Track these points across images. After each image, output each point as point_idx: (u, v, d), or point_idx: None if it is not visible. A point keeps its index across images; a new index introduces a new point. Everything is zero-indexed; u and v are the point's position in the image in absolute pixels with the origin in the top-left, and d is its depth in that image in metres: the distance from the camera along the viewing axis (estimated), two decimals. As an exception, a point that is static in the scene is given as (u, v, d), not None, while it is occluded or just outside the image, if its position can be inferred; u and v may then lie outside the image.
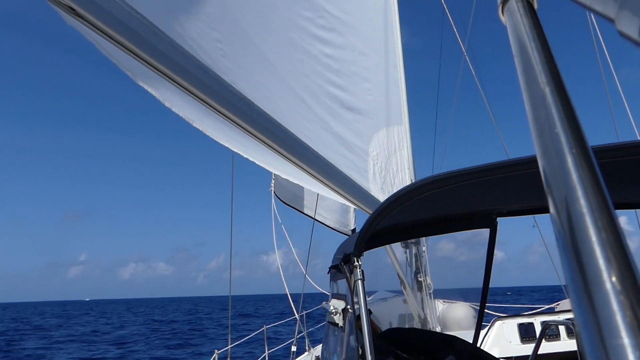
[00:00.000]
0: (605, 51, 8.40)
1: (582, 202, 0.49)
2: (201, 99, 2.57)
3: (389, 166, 5.44)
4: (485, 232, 3.68)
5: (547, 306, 8.42)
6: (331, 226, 11.06)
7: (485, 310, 4.22)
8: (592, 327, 0.43)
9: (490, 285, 3.93)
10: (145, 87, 2.73)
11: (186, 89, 2.49)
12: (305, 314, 9.02)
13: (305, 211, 11.08)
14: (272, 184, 11.43)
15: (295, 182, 4.04)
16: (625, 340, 0.41)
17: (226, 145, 3.35)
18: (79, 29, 2.12)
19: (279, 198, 11.39)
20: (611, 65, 8.35)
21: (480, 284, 4.01)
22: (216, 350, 7.44)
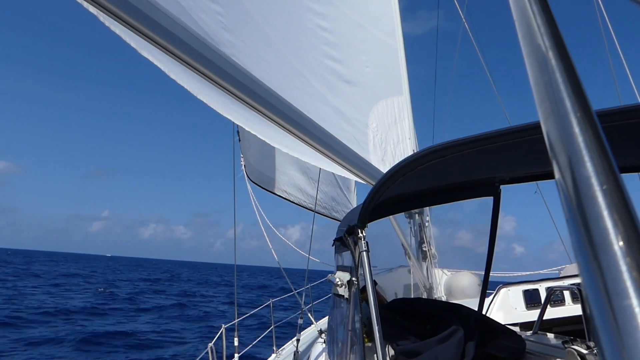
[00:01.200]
0: (606, 16, 8.30)
1: (588, 165, 0.49)
2: (202, 73, 2.57)
3: (389, 137, 5.43)
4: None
5: (552, 269, 8.47)
6: (305, 205, 10.84)
7: (490, 278, 4.25)
8: (599, 289, 0.44)
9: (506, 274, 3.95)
10: (150, 58, 2.72)
11: (187, 63, 2.48)
12: (311, 286, 9.09)
13: (276, 191, 10.82)
14: (243, 166, 10.88)
15: (296, 155, 4.04)
16: (633, 301, 0.42)
17: (228, 117, 3.35)
18: (80, 1, 2.11)
19: (250, 179, 10.93)
20: (612, 31, 8.26)
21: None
22: (223, 325, 7.52)
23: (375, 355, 2.44)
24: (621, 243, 0.44)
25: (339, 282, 2.97)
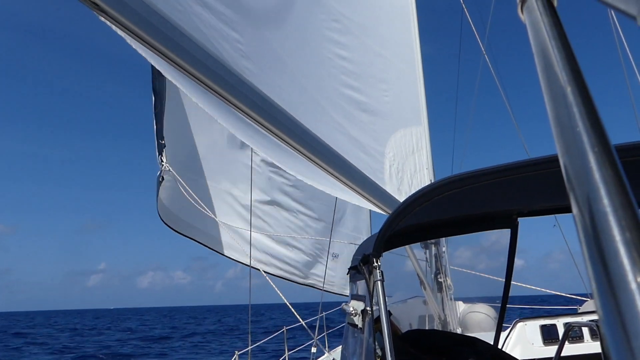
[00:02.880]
0: (627, 48, 8.28)
1: (606, 201, 0.49)
2: (223, 97, 2.61)
3: (406, 167, 5.42)
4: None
5: (570, 307, 8.32)
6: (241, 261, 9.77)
7: (507, 311, 4.19)
8: (617, 328, 0.43)
9: (510, 293, 3.90)
10: (173, 81, 2.79)
11: (209, 87, 2.53)
12: (325, 315, 9.02)
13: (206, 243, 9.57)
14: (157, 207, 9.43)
15: (311, 183, 4.04)
16: None
17: (247, 143, 3.39)
18: (109, 25, 2.17)
19: (167, 225, 9.51)
20: (633, 63, 8.23)
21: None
22: (236, 351, 7.47)
23: None
24: None
25: (353, 312, 2.94)
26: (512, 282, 4.04)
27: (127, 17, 2.08)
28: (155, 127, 9.01)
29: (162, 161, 8.93)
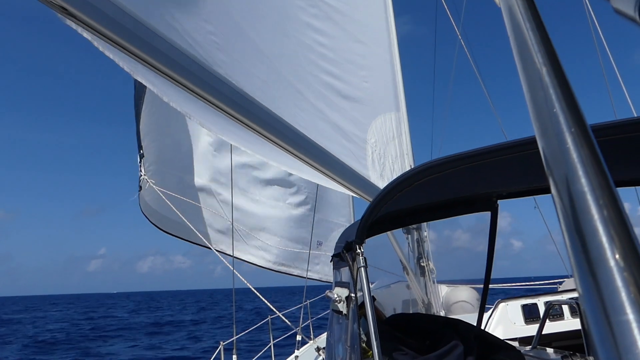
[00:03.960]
0: (600, 30, 8.37)
1: (583, 180, 0.49)
2: (197, 93, 2.58)
3: (387, 153, 5.43)
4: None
5: (550, 285, 8.46)
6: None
7: (489, 292, 4.24)
8: (596, 304, 0.44)
9: (510, 275, 3.94)
10: (144, 82, 2.73)
11: (181, 84, 2.49)
12: (309, 303, 9.05)
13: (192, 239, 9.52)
14: (138, 201, 9.47)
15: (294, 172, 4.05)
16: (630, 316, 0.42)
17: (224, 138, 3.36)
18: (75, 28, 2.12)
19: (151, 222, 9.62)
20: (606, 45, 8.33)
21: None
22: (221, 342, 7.47)
23: None
24: (618, 258, 0.45)
25: (338, 298, 2.96)
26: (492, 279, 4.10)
27: (95, 19, 2.03)
28: (135, 130, 8.99)
29: (140, 170, 8.96)
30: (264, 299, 7.77)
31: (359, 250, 2.65)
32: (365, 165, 4.81)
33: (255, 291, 7.79)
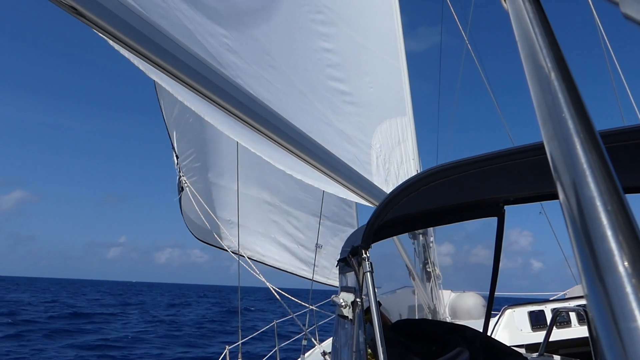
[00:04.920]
0: (605, 36, 8.34)
1: (592, 186, 0.49)
2: (206, 96, 2.59)
3: (392, 158, 5.43)
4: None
5: (558, 293, 8.41)
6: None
7: (495, 299, 4.22)
8: (605, 311, 0.43)
9: (529, 295, 3.94)
10: (158, 80, 2.76)
11: (192, 87, 2.50)
12: (315, 307, 9.04)
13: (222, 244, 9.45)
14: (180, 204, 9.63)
15: (299, 177, 4.04)
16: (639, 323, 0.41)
17: (235, 139, 3.39)
18: (95, 30, 2.13)
19: (196, 237, 9.92)
20: (612, 51, 8.30)
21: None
22: (227, 346, 7.47)
23: None
24: (626, 264, 0.44)
25: (343, 303, 2.95)
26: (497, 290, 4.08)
27: (106, 20, 2.04)
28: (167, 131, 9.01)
29: (179, 170, 8.98)
30: (280, 299, 7.78)
31: (364, 255, 2.64)
32: (369, 171, 4.81)
33: (275, 293, 7.80)
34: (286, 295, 7.87)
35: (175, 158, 8.97)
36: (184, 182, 8.93)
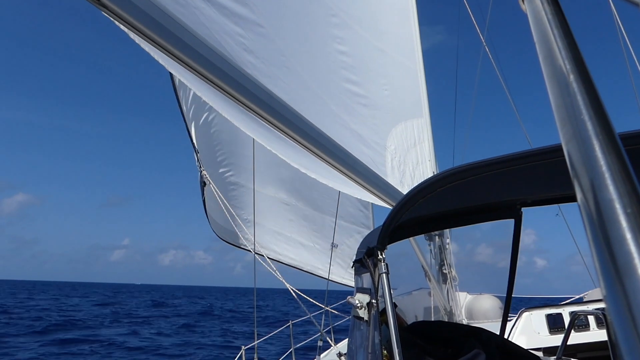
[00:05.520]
0: (626, 37, 8.24)
1: (611, 188, 0.49)
2: (225, 90, 2.61)
3: (408, 159, 5.42)
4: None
5: (576, 296, 8.33)
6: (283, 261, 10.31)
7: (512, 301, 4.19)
8: (624, 315, 0.43)
9: (531, 294, 3.91)
10: (177, 74, 2.80)
11: (212, 82, 2.53)
12: (331, 308, 9.04)
13: (244, 244, 9.71)
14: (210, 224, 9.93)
15: (314, 176, 4.05)
16: None
17: (251, 135, 3.41)
18: (112, 19, 2.17)
19: (219, 237, 10.09)
20: (632, 52, 8.19)
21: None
22: (243, 346, 7.50)
23: None
24: None
25: (359, 304, 2.95)
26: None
27: (128, 13, 2.08)
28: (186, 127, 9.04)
29: (199, 166, 9.01)
30: (297, 298, 7.79)
31: (380, 256, 2.64)
32: (384, 172, 4.80)
33: (292, 290, 7.82)
34: (303, 295, 7.88)
35: (195, 154, 8.99)
36: (205, 176, 8.96)
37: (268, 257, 8.72)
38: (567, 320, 5.87)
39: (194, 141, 8.92)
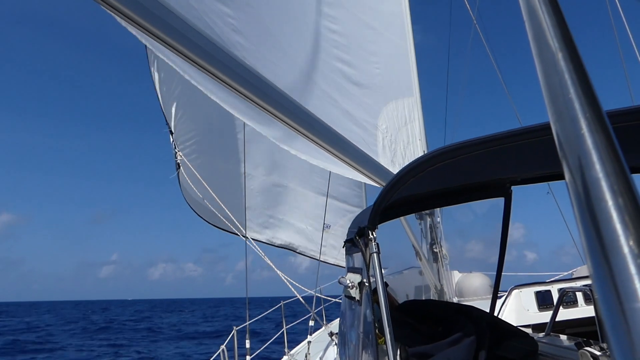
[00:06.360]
0: (621, 12, 8.22)
1: (598, 167, 0.49)
2: (213, 74, 2.58)
3: (399, 139, 5.41)
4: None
5: (564, 273, 8.42)
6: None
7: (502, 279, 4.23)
8: (610, 291, 0.43)
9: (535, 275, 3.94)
10: (164, 58, 2.76)
11: (199, 65, 2.50)
12: (321, 289, 9.09)
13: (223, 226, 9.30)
14: (178, 180, 9.48)
15: (305, 157, 4.04)
16: None
17: (239, 117, 3.38)
18: (99, 2, 2.13)
19: (196, 213, 9.70)
20: (627, 28, 8.18)
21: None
22: (234, 327, 7.54)
23: (386, 357, 2.44)
24: (632, 244, 0.44)
25: (350, 284, 2.96)
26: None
27: None
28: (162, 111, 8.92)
29: (174, 147, 8.89)
30: (281, 274, 7.81)
31: (371, 236, 2.65)
32: (375, 152, 4.80)
33: (283, 277, 7.85)
34: (292, 281, 7.91)
35: (170, 135, 8.89)
36: (179, 157, 8.87)
37: (258, 241, 8.72)
38: (555, 297, 5.95)
39: (172, 124, 8.85)
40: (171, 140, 8.92)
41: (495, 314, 4.56)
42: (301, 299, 8.04)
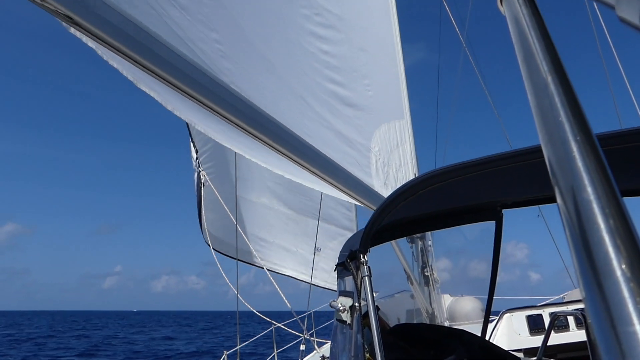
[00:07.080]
0: (608, 37, 8.35)
1: (589, 190, 0.49)
2: (201, 102, 2.57)
3: (391, 161, 5.43)
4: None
5: (555, 297, 8.40)
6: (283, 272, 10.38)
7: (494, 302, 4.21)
8: (603, 315, 0.43)
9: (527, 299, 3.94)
10: (147, 90, 2.73)
11: (185, 93, 2.49)
12: (313, 312, 9.02)
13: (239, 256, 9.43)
14: (206, 237, 9.84)
15: (299, 181, 4.04)
16: (637, 327, 0.41)
17: (228, 146, 3.36)
18: (80, 36, 2.12)
19: (215, 249, 9.92)
20: (614, 53, 8.30)
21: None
22: (225, 351, 7.45)
23: None
24: (624, 268, 0.44)
25: (341, 308, 2.94)
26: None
27: (100, 28, 2.04)
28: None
29: (198, 165, 8.85)
30: (277, 287, 7.74)
31: (363, 259, 2.64)
32: (369, 174, 4.81)
33: (273, 281, 7.79)
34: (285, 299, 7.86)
35: (194, 153, 8.85)
36: (203, 177, 8.87)
37: (248, 263, 8.66)
38: (547, 321, 5.92)
39: (194, 140, 8.81)
40: (194, 158, 8.88)
41: (487, 338, 4.53)
42: (299, 321, 7.99)
